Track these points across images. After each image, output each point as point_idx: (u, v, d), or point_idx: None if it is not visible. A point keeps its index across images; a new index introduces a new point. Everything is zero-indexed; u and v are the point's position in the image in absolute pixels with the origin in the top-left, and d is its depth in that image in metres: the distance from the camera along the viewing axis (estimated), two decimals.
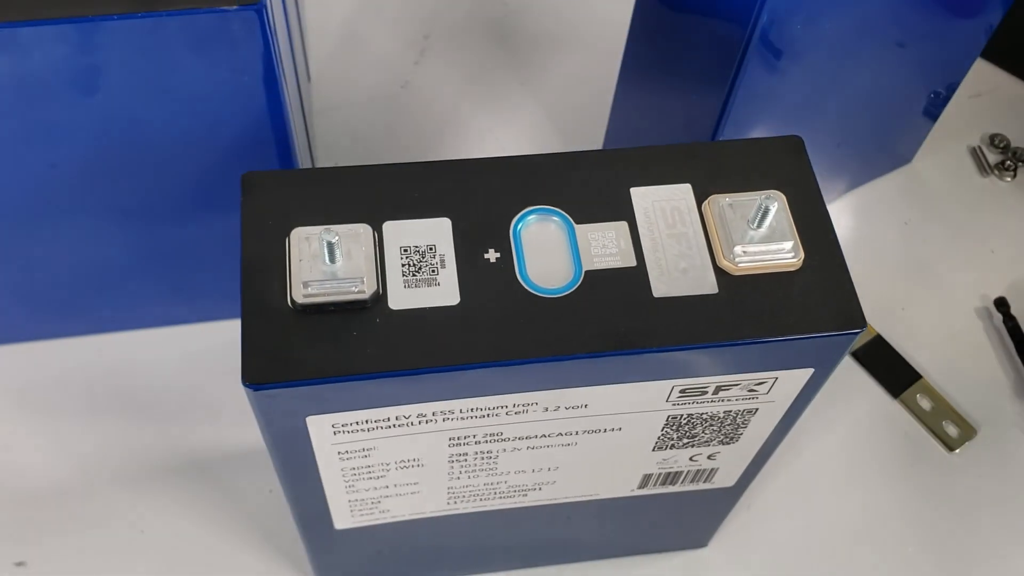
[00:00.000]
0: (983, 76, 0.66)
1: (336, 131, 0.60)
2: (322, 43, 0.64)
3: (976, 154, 0.63)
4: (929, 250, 0.59)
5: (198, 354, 0.51)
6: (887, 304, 0.56)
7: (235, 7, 0.35)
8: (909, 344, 0.55)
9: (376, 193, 0.31)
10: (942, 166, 0.62)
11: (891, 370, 0.54)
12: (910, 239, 0.59)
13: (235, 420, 0.49)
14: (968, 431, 0.52)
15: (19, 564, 0.46)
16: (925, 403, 0.53)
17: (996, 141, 0.63)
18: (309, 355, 0.28)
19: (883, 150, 0.60)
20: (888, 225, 0.60)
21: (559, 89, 0.64)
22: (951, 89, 0.57)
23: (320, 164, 0.57)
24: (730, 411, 0.33)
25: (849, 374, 0.54)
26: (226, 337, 0.52)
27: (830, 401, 0.52)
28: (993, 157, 0.63)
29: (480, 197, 0.31)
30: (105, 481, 0.48)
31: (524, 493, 0.38)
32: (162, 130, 0.40)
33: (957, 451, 0.52)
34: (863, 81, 0.51)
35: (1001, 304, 0.56)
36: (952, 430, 0.52)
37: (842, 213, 0.60)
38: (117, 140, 0.40)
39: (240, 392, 0.49)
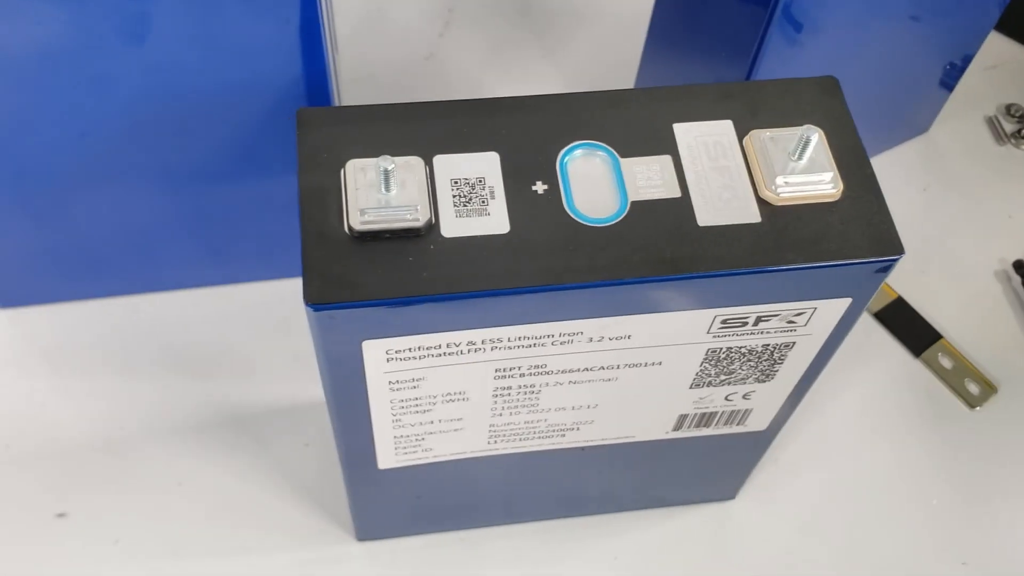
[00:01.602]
0: (998, 48, 0.67)
1: (363, 100, 0.61)
2: (348, 15, 0.65)
3: (992, 123, 0.64)
4: (948, 215, 0.60)
5: (233, 314, 0.52)
6: (907, 267, 0.57)
7: None
8: (930, 305, 0.56)
9: (426, 128, 0.32)
10: (959, 135, 0.63)
11: (912, 330, 0.55)
12: (929, 205, 0.60)
13: (270, 378, 0.50)
14: (989, 388, 0.53)
15: (60, 515, 0.46)
16: (946, 362, 0.54)
17: (1012, 111, 0.64)
18: (366, 279, 0.29)
19: (900, 119, 0.61)
20: (907, 192, 0.60)
21: (582, 61, 0.65)
22: (966, 60, 0.58)
23: None
24: (768, 344, 0.34)
25: (871, 334, 0.55)
26: (260, 298, 0.53)
27: (853, 360, 0.53)
28: (1009, 126, 0.64)
29: (527, 132, 0.32)
30: (143, 436, 0.49)
31: (562, 433, 0.38)
32: (204, 83, 0.41)
33: (978, 408, 0.53)
34: (880, 53, 0.52)
35: (1019, 266, 0.57)
36: (973, 388, 0.53)
37: None
38: (159, 93, 0.41)
39: (275, 351, 0.50)
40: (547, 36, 0.66)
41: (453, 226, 0.30)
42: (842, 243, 0.31)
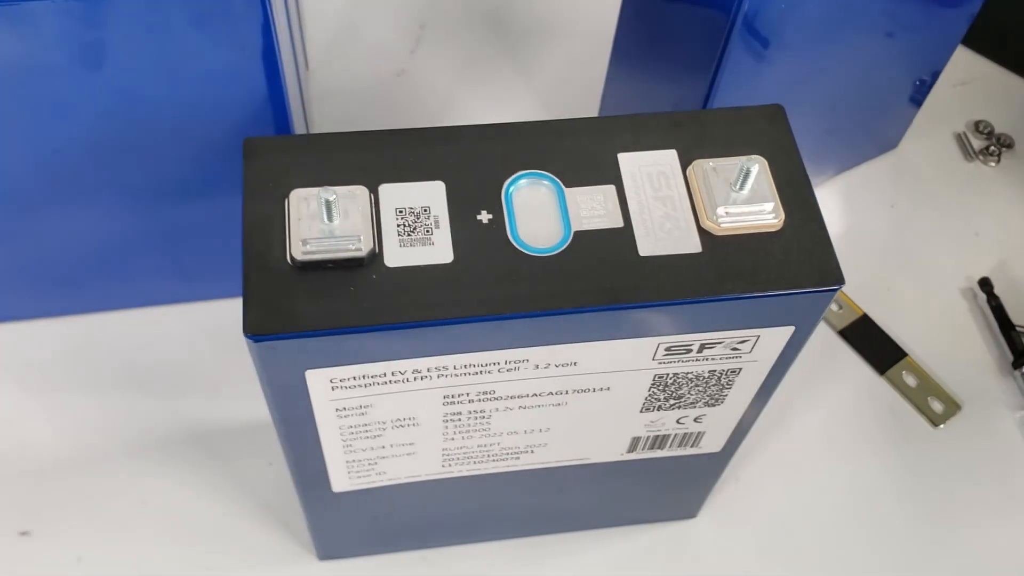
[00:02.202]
0: (968, 64, 0.67)
1: (334, 118, 0.62)
2: (320, 32, 0.66)
3: (961, 140, 0.64)
4: (915, 232, 0.60)
5: (198, 332, 0.52)
6: (874, 284, 0.57)
7: None
8: (895, 323, 0.56)
9: (372, 157, 0.32)
10: (928, 151, 0.64)
11: (877, 348, 0.55)
12: (897, 222, 0.60)
13: (234, 396, 0.51)
14: (952, 407, 0.53)
15: (23, 534, 0.47)
16: (910, 380, 0.54)
17: (980, 127, 0.64)
18: (308, 309, 0.29)
19: (869, 135, 0.62)
20: (875, 208, 0.61)
21: (552, 76, 0.65)
22: (934, 76, 0.59)
23: None
24: (714, 371, 0.35)
25: (836, 352, 0.55)
26: (226, 315, 0.53)
27: (818, 377, 0.53)
28: (978, 143, 0.64)
29: (473, 161, 0.32)
30: (108, 455, 0.49)
31: (516, 456, 0.39)
32: (163, 107, 0.41)
33: (942, 426, 0.53)
34: (847, 67, 0.52)
35: (985, 284, 0.57)
36: (937, 406, 0.53)
37: (830, 196, 0.61)
38: (119, 117, 0.41)
39: (239, 369, 0.50)
40: (518, 52, 0.66)
41: (397, 256, 0.30)
42: (782, 273, 0.31)
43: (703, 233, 0.31)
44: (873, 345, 0.55)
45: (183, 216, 0.48)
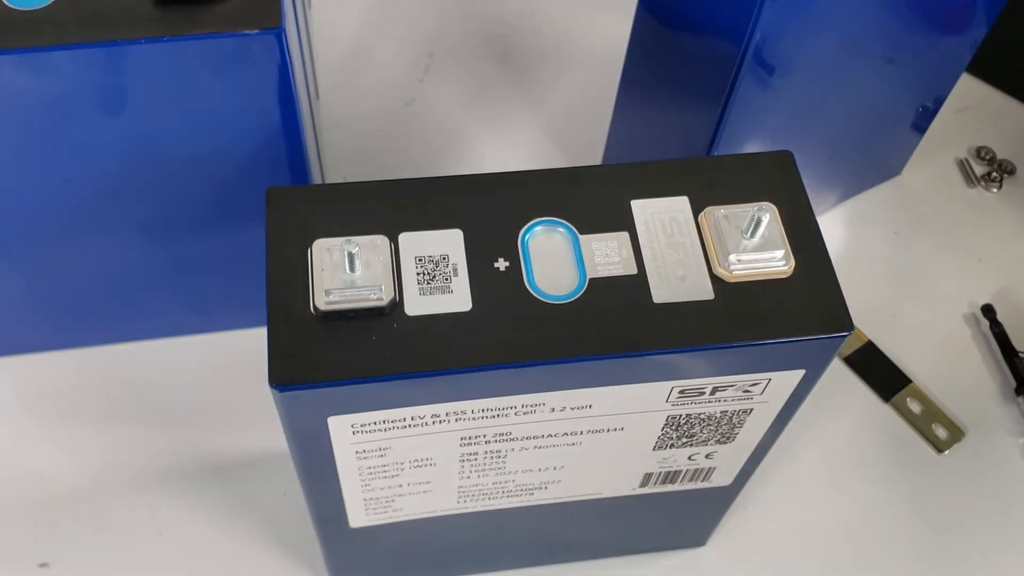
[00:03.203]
0: (969, 90, 0.68)
1: (344, 146, 0.62)
2: (330, 61, 0.67)
3: (963, 166, 0.65)
4: (918, 259, 0.61)
5: (213, 363, 0.53)
6: (878, 311, 0.58)
7: (256, 31, 0.37)
8: (899, 350, 0.57)
9: (392, 206, 0.33)
10: (930, 178, 0.64)
11: (882, 375, 0.56)
12: (900, 248, 0.61)
13: (250, 426, 0.51)
14: (956, 433, 0.54)
15: (42, 565, 0.47)
16: (915, 406, 0.55)
17: (982, 153, 0.65)
18: (331, 358, 0.30)
19: (873, 162, 0.63)
20: (879, 235, 0.62)
21: (559, 105, 0.66)
22: (938, 103, 0.59)
23: (328, 179, 0.59)
24: (726, 411, 0.35)
25: (841, 379, 0.56)
26: (241, 347, 0.54)
27: (824, 405, 0.54)
28: (980, 169, 0.65)
29: (490, 210, 0.33)
30: (125, 486, 0.50)
31: (531, 492, 0.39)
32: (182, 149, 0.42)
33: (946, 453, 0.54)
34: (853, 96, 0.53)
35: (988, 311, 0.58)
36: (941, 432, 0.54)
37: (834, 223, 0.62)
38: (138, 158, 0.42)
39: (254, 399, 0.51)
40: (526, 82, 0.67)
41: (417, 304, 0.31)
42: (792, 319, 0.32)
43: (715, 280, 0.32)
44: (878, 372, 0.56)
45: (198, 251, 0.49)
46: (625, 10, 0.53)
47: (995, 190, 0.64)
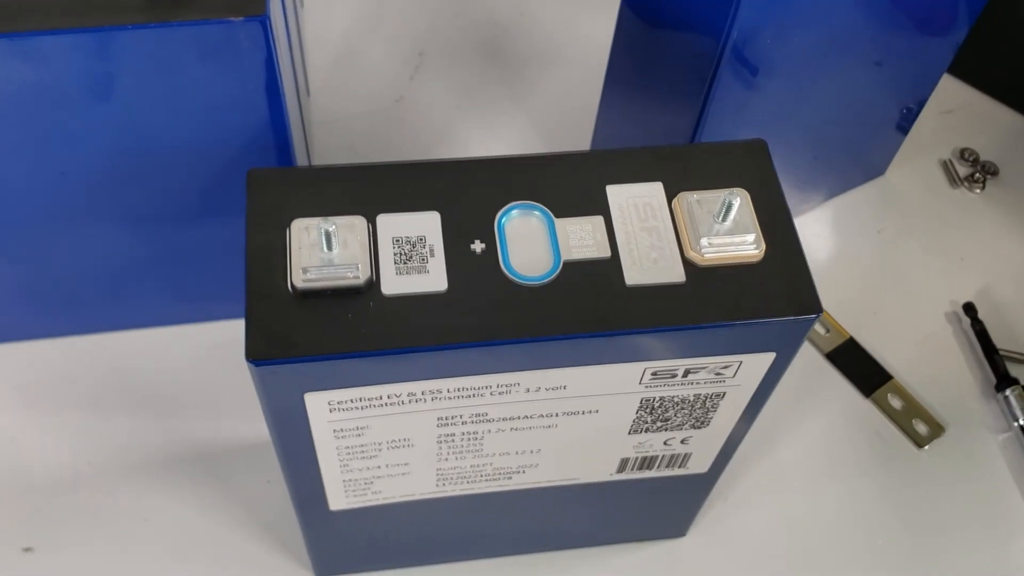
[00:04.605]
0: (953, 93, 0.69)
1: (334, 143, 0.63)
2: (321, 59, 0.67)
3: (947, 167, 0.65)
4: (901, 258, 0.61)
5: (200, 352, 0.54)
6: (860, 308, 0.59)
7: (241, 18, 0.37)
8: (881, 346, 0.57)
9: (370, 189, 0.33)
10: (914, 178, 0.65)
11: (863, 371, 0.56)
12: (883, 247, 0.62)
13: (234, 415, 0.52)
14: (937, 429, 0.55)
15: (27, 550, 0.48)
16: (896, 402, 0.55)
17: (966, 155, 0.66)
18: (307, 335, 0.30)
19: (857, 162, 0.63)
20: (862, 234, 0.62)
21: (546, 104, 0.66)
22: (920, 104, 0.60)
23: None
24: (699, 395, 0.36)
25: (823, 374, 0.56)
26: (226, 337, 0.54)
27: (805, 399, 0.55)
28: (963, 170, 0.65)
29: (467, 193, 0.34)
30: (110, 472, 0.50)
31: (509, 476, 0.40)
32: (167, 138, 0.43)
33: (926, 448, 0.54)
34: (834, 95, 0.54)
35: (969, 309, 0.58)
36: (921, 428, 0.55)
37: (818, 222, 0.62)
38: (124, 147, 0.43)
39: (239, 388, 0.51)
40: (514, 80, 0.67)
41: (393, 283, 0.32)
42: (763, 301, 0.32)
43: (687, 263, 0.33)
44: (859, 368, 0.56)
45: (185, 240, 0.49)
46: (612, 10, 0.54)
47: (978, 191, 0.64)
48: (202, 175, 0.45)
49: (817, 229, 0.62)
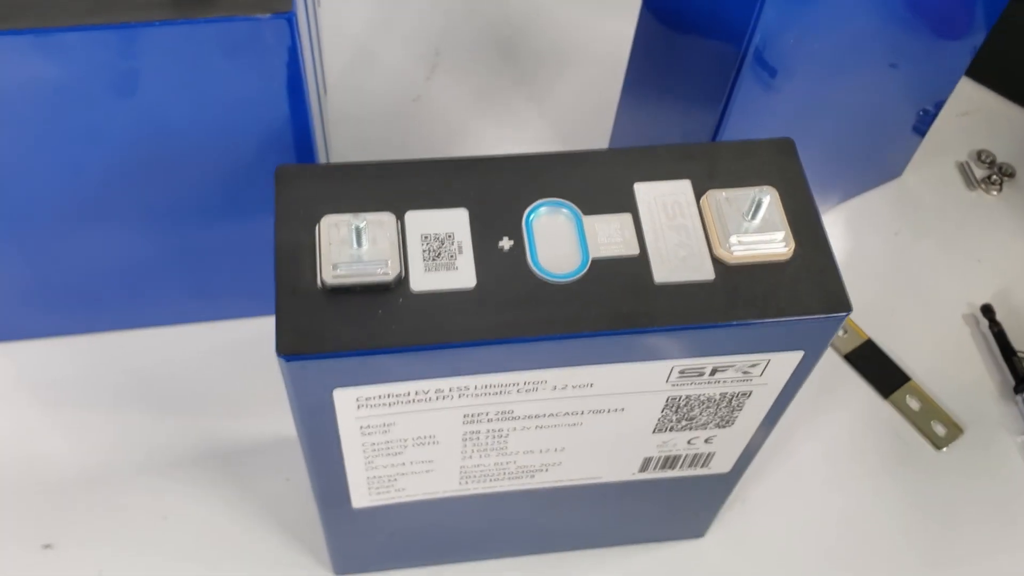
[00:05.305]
0: (971, 95, 0.68)
1: (351, 142, 0.63)
2: (337, 58, 0.67)
3: (964, 169, 0.65)
4: (918, 259, 0.61)
5: (219, 350, 0.54)
6: (878, 309, 0.58)
7: (268, 15, 0.37)
8: (899, 348, 0.57)
9: (398, 185, 0.33)
10: (931, 180, 0.65)
11: (881, 372, 0.56)
12: (900, 249, 0.62)
13: (254, 413, 0.52)
14: (955, 431, 0.54)
15: (47, 547, 0.48)
16: (914, 404, 0.55)
17: (983, 157, 0.66)
18: (337, 330, 0.30)
19: (874, 164, 0.63)
20: (879, 235, 0.62)
21: (564, 104, 0.66)
22: (938, 106, 0.60)
23: None
24: (726, 393, 0.36)
25: (841, 376, 0.56)
26: (246, 335, 0.54)
27: (823, 401, 0.55)
28: (980, 172, 0.65)
29: (495, 190, 0.34)
30: (129, 470, 0.50)
31: (532, 474, 0.40)
32: (191, 134, 0.42)
33: (944, 449, 0.54)
34: (854, 98, 0.54)
35: (987, 311, 0.58)
36: (940, 429, 0.54)
37: (835, 223, 0.62)
38: (148, 143, 0.43)
39: (259, 387, 0.51)
40: (531, 79, 0.67)
41: (422, 280, 0.32)
42: (792, 300, 0.32)
43: (716, 261, 0.33)
44: (877, 369, 0.56)
45: (206, 237, 0.49)
46: (629, 10, 0.54)
47: (995, 193, 0.64)
48: (224, 172, 0.45)
49: (834, 230, 0.62)
